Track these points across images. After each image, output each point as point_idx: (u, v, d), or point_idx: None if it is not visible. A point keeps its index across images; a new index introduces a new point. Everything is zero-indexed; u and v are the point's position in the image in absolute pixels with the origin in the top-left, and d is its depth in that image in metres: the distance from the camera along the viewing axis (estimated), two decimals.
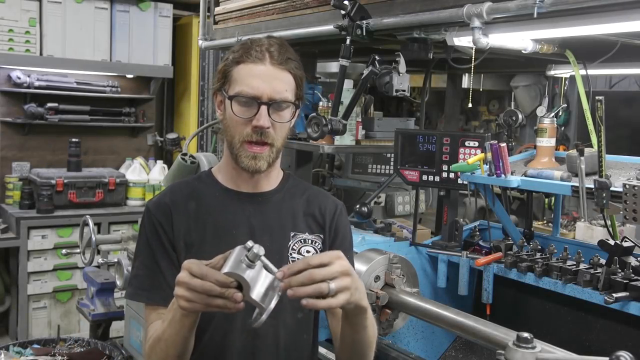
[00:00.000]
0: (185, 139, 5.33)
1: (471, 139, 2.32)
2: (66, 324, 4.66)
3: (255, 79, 1.47)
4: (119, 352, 2.81)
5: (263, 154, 1.50)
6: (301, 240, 1.59)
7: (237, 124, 1.49)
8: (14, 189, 4.85)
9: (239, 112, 1.48)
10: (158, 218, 1.54)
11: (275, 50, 1.49)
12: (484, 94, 5.38)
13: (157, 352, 1.42)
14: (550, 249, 2.14)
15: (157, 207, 1.57)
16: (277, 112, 1.49)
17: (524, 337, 1.36)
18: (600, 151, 1.87)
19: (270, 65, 1.48)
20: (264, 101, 1.46)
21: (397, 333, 2.26)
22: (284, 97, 1.49)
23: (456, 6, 1.92)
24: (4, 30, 4.67)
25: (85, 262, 3.34)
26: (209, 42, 3.45)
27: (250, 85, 1.47)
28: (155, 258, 1.52)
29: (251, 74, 1.47)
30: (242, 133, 1.49)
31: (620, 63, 2.64)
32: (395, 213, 3.59)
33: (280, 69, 1.49)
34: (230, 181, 1.60)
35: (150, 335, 1.47)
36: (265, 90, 1.46)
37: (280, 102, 1.48)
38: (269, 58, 1.48)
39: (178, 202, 1.57)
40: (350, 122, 2.63)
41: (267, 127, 1.47)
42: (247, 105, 1.48)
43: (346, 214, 1.72)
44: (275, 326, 1.53)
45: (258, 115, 1.46)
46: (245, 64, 1.49)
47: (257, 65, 1.48)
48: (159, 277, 1.51)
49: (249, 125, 1.48)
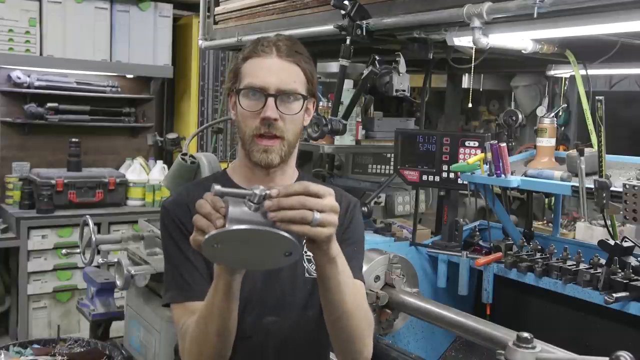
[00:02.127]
0: (185, 139, 5.32)
1: (471, 139, 2.32)
2: (66, 324, 4.65)
3: (261, 71, 1.47)
4: (119, 352, 2.80)
5: (274, 147, 1.48)
6: None
7: (246, 118, 1.48)
8: (14, 189, 4.85)
9: (247, 106, 1.48)
10: (178, 215, 1.52)
11: (283, 45, 1.49)
12: (484, 94, 5.38)
13: (196, 335, 1.37)
14: (550, 249, 2.14)
15: (175, 205, 1.55)
16: (286, 104, 1.47)
17: (524, 337, 1.36)
18: (600, 151, 1.87)
19: (277, 57, 1.48)
20: (270, 93, 1.45)
21: (397, 333, 2.26)
22: (291, 88, 1.47)
23: (456, 6, 1.92)
24: (4, 30, 4.66)
25: (85, 262, 3.34)
26: (209, 42, 3.45)
27: (257, 77, 1.46)
28: (185, 254, 1.48)
29: (258, 67, 1.47)
30: (252, 127, 1.47)
31: (620, 63, 2.64)
32: (395, 213, 3.59)
33: (288, 61, 1.48)
34: (245, 181, 1.57)
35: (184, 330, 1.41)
36: (272, 82, 1.45)
37: (288, 94, 1.47)
38: (276, 51, 1.48)
39: (195, 199, 1.55)
40: (350, 122, 2.63)
41: (274, 119, 1.45)
42: (255, 99, 1.47)
43: (360, 210, 1.68)
44: (288, 325, 1.52)
45: (265, 107, 1.45)
46: (253, 58, 1.49)
47: (265, 58, 1.48)
48: (195, 272, 1.47)
49: (257, 118, 1.46)
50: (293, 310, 1.53)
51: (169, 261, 1.55)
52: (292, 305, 1.52)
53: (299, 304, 1.53)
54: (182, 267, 1.49)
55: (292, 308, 1.52)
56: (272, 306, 1.50)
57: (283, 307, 1.50)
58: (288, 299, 1.51)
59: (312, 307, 1.54)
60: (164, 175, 3.81)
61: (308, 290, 1.54)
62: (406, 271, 2.14)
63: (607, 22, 1.72)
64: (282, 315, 1.52)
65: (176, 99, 5.88)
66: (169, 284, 1.54)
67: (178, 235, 1.51)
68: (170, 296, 1.51)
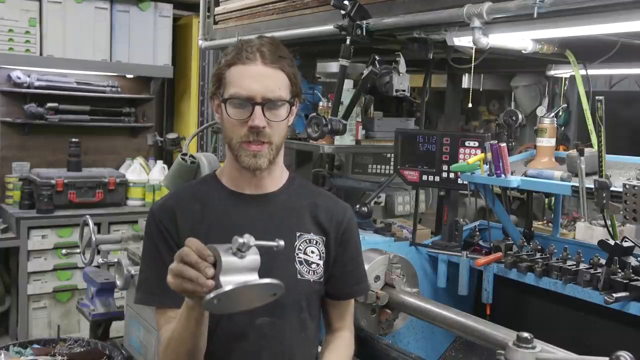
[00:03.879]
0: (185, 139, 5.32)
1: (471, 139, 2.32)
2: (66, 324, 4.65)
3: (247, 80, 1.47)
4: (119, 352, 2.80)
5: (262, 152, 1.50)
6: (307, 241, 1.60)
7: (233, 126, 1.50)
8: (14, 189, 4.85)
9: (234, 114, 1.49)
10: (162, 220, 1.55)
11: (266, 50, 1.49)
12: (484, 94, 5.38)
13: (169, 353, 1.44)
14: (550, 249, 2.14)
15: (162, 209, 1.58)
16: (272, 111, 1.49)
17: (524, 337, 1.36)
18: (600, 151, 1.87)
19: (262, 64, 1.48)
20: (257, 101, 1.47)
21: (397, 333, 2.26)
22: (277, 95, 1.49)
23: (456, 6, 1.92)
24: (4, 30, 4.67)
25: (85, 262, 3.34)
26: (209, 42, 3.45)
27: (243, 87, 1.47)
28: (163, 260, 1.51)
29: (243, 75, 1.48)
30: (240, 134, 1.49)
31: (620, 63, 2.64)
32: (395, 213, 3.59)
33: (273, 67, 1.49)
34: (233, 183, 1.60)
35: (163, 338, 1.48)
36: (259, 90, 1.47)
37: (274, 101, 1.49)
38: (260, 58, 1.48)
39: (182, 205, 1.57)
40: (350, 122, 2.63)
41: (262, 127, 1.47)
42: (241, 107, 1.48)
43: (355, 220, 1.73)
44: (281, 326, 1.54)
45: (253, 115, 1.47)
46: (237, 65, 1.49)
47: (249, 66, 1.48)
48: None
49: (245, 126, 1.48)
50: (285, 311, 1.55)
51: (145, 262, 1.59)
52: (284, 306, 1.53)
53: (292, 305, 1.56)
54: (158, 271, 1.51)
55: (285, 309, 1.54)
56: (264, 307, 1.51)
57: (276, 308, 1.51)
58: (280, 300, 1.52)
59: (305, 308, 1.58)
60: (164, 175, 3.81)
61: (299, 292, 1.57)
62: (406, 271, 2.14)
63: (607, 22, 1.72)
64: (275, 316, 1.54)
65: (176, 99, 5.88)
66: (140, 284, 1.59)
67: (160, 240, 1.54)
68: (139, 298, 1.57)
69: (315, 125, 2.42)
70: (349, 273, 1.66)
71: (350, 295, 1.71)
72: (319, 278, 1.60)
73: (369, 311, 2.07)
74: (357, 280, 1.70)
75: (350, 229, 1.67)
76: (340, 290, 1.66)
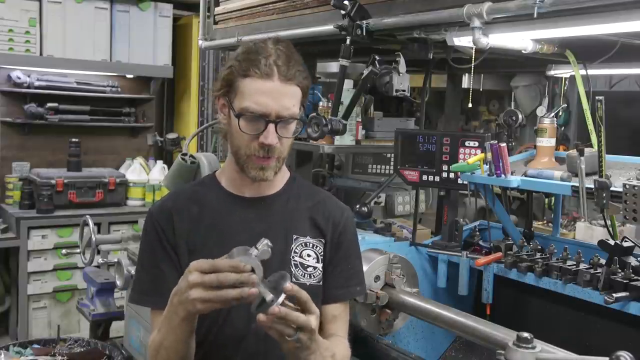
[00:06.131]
0: (185, 139, 5.32)
1: (471, 139, 2.32)
2: (66, 324, 4.65)
3: (263, 96, 1.44)
4: (119, 352, 2.80)
5: (270, 165, 1.50)
6: (303, 244, 1.58)
7: (243, 138, 1.48)
8: (14, 189, 4.85)
9: (245, 128, 1.46)
10: (160, 222, 1.55)
11: (283, 64, 1.45)
12: (484, 94, 5.37)
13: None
14: (550, 249, 2.14)
15: (159, 211, 1.58)
16: (285, 127, 1.48)
17: (524, 337, 1.36)
18: (600, 151, 1.87)
19: (279, 81, 1.44)
20: (271, 119, 1.45)
21: (397, 333, 2.26)
22: (291, 113, 1.47)
23: (456, 6, 1.92)
24: (4, 30, 4.67)
25: (85, 262, 3.34)
26: (209, 42, 3.45)
27: (258, 103, 1.44)
28: (158, 262, 1.52)
29: (259, 91, 1.44)
30: (249, 147, 1.48)
31: (620, 63, 2.64)
32: (395, 213, 3.59)
33: (289, 84, 1.46)
34: (233, 186, 1.59)
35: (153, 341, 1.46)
36: (274, 108, 1.44)
37: (287, 119, 1.47)
38: (277, 73, 1.44)
39: (180, 206, 1.57)
40: (350, 122, 2.63)
41: (274, 144, 1.46)
42: (254, 122, 1.46)
43: (353, 222, 1.70)
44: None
45: (266, 132, 1.45)
46: (252, 78, 1.45)
47: (265, 81, 1.44)
48: (162, 282, 1.50)
49: (255, 140, 1.46)
50: None
51: (140, 263, 1.60)
52: None
53: None
54: (153, 272, 1.53)
55: None
56: None
57: None
58: None
59: None
60: (164, 175, 3.81)
61: None
62: (406, 271, 2.14)
63: (607, 22, 1.71)
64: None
65: (176, 99, 5.88)
66: (134, 284, 1.60)
67: (155, 242, 1.55)
68: (133, 297, 1.58)
69: (315, 125, 2.42)
70: (338, 275, 1.60)
71: (336, 299, 1.60)
72: (317, 282, 1.58)
73: (369, 311, 2.06)
74: (345, 282, 1.61)
75: (346, 230, 1.63)
76: (326, 291, 1.59)
